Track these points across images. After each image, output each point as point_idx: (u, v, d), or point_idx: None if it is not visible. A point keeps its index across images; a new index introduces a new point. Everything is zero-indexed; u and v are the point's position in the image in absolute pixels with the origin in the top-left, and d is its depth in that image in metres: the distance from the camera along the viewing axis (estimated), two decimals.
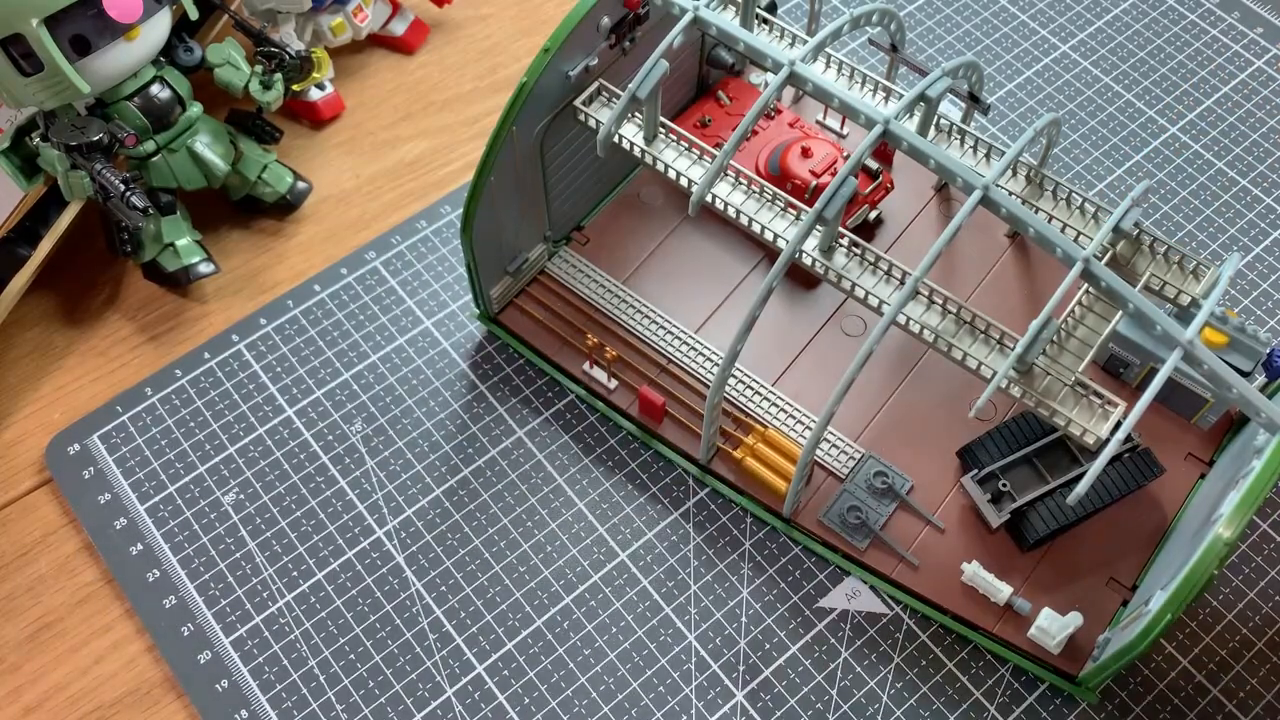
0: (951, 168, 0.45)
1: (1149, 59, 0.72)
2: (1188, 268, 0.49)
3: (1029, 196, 0.51)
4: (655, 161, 0.53)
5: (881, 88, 0.54)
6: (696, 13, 0.50)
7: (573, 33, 0.51)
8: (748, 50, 0.50)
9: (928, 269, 0.45)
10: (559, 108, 0.54)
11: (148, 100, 0.59)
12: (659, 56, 0.50)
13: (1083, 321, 0.48)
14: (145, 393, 0.61)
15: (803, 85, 0.49)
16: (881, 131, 0.46)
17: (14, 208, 0.60)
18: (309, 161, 0.69)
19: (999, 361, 0.46)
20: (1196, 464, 0.55)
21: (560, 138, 0.56)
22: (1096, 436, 0.45)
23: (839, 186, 0.46)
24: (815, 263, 0.49)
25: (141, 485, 0.58)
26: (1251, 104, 0.70)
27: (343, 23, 0.69)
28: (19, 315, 0.63)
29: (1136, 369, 0.55)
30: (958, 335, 0.47)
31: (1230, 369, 0.42)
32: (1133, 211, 0.47)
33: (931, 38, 0.73)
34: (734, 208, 0.51)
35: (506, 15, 0.76)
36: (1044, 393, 0.46)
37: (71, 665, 0.53)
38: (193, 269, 0.62)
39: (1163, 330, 0.43)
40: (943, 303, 0.48)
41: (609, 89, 0.55)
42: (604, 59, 0.54)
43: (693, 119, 0.63)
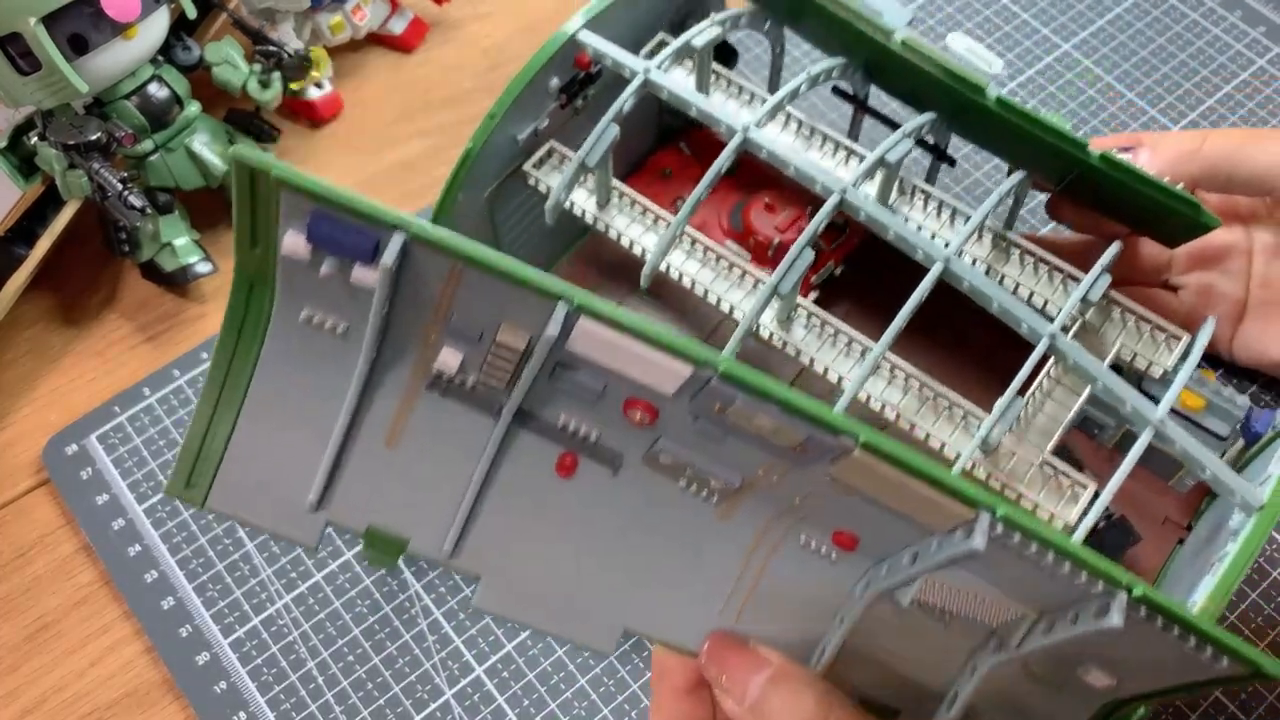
0: (911, 240, 0.44)
1: (1151, 58, 0.72)
2: (1159, 339, 0.47)
3: (994, 261, 0.49)
4: (607, 229, 0.51)
5: (843, 149, 0.52)
6: (647, 76, 0.48)
7: (520, 96, 0.49)
8: (700, 115, 0.48)
9: (889, 345, 0.44)
10: (507, 171, 0.52)
11: (145, 99, 0.59)
12: (609, 121, 0.48)
13: (1050, 395, 0.46)
14: (143, 393, 0.60)
15: (757, 151, 0.47)
16: (838, 201, 0.45)
17: (11, 207, 0.60)
18: (307, 160, 0.69)
19: (963, 442, 0.45)
20: (1174, 529, 0.52)
21: (511, 199, 0.54)
22: (1065, 522, 0.43)
23: (794, 259, 0.44)
24: (773, 335, 0.47)
25: (140, 486, 0.57)
26: (1254, 103, 0.69)
27: (341, 21, 0.69)
28: (16, 315, 0.62)
29: (1112, 430, 0.52)
30: (920, 413, 0.45)
31: (1203, 449, 0.41)
32: (1102, 280, 0.45)
33: (933, 37, 0.73)
34: (689, 277, 0.49)
35: (506, 14, 0.75)
36: (1010, 475, 0.44)
37: (69, 667, 0.53)
38: (191, 268, 0.62)
39: (1132, 409, 0.41)
40: (905, 377, 0.46)
41: (561, 150, 0.53)
42: (554, 119, 0.52)
43: (653, 171, 0.60)
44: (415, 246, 0.31)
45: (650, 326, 0.32)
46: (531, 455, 0.37)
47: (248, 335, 0.36)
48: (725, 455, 0.36)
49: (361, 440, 0.37)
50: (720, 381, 0.32)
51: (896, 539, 0.35)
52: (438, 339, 0.35)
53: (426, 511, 0.38)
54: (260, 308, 0.36)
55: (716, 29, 0.51)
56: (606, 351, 0.33)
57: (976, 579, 0.35)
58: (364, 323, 0.34)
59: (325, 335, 0.36)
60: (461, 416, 0.37)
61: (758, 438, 0.34)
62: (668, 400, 0.34)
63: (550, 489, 0.38)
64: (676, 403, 0.34)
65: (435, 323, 0.35)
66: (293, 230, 0.33)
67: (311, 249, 0.33)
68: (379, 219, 0.31)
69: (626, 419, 0.36)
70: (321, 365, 0.36)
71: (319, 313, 0.35)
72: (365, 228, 0.32)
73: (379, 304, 0.33)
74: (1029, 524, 0.31)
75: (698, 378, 0.32)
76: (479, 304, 0.33)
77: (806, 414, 0.32)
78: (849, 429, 0.31)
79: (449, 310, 0.34)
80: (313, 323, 0.35)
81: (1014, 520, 0.31)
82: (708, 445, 0.35)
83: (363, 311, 0.34)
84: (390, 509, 0.38)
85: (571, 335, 0.32)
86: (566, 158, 0.52)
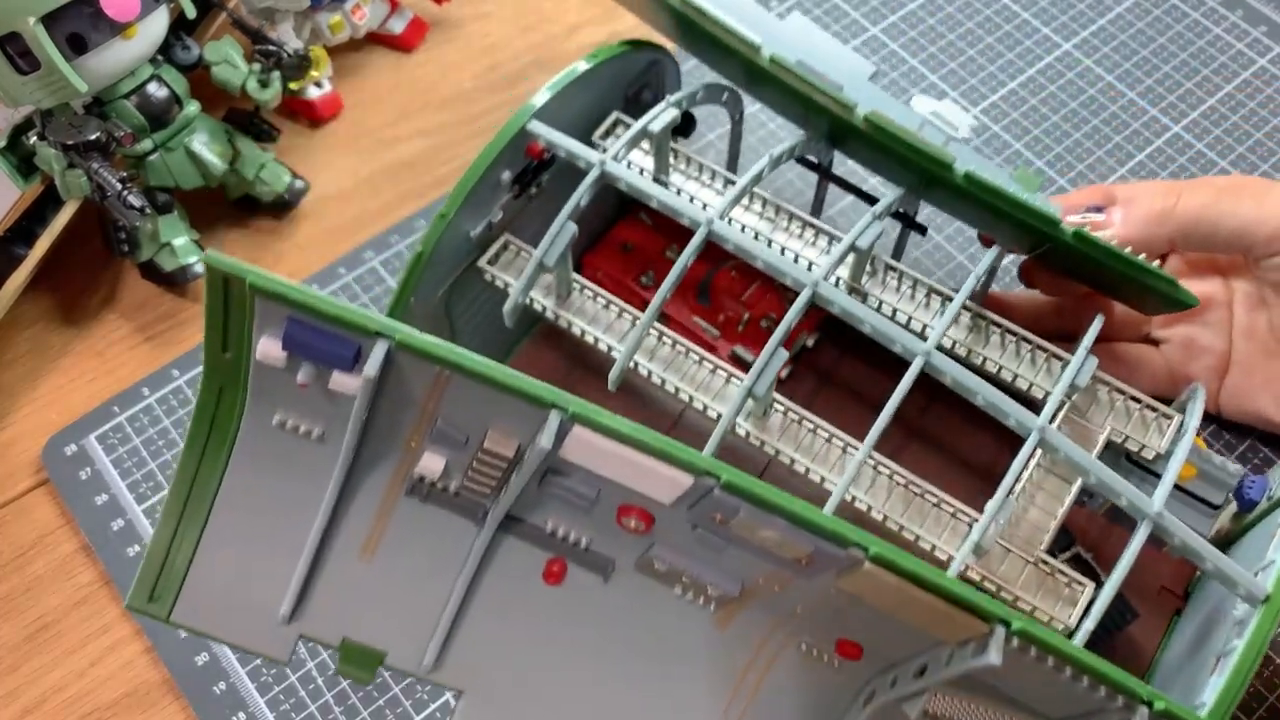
0: (888, 333, 0.43)
1: (1152, 57, 0.71)
2: (1149, 419, 0.46)
3: (973, 343, 0.47)
4: (570, 325, 0.49)
5: (810, 228, 0.50)
6: (604, 168, 0.47)
7: (471, 193, 0.47)
8: (661, 208, 0.47)
9: (872, 446, 0.42)
10: (461, 268, 0.50)
11: (145, 99, 0.58)
12: (566, 218, 0.46)
13: (1041, 487, 0.45)
14: (142, 393, 0.60)
15: (722, 244, 0.46)
16: (810, 296, 0.44)
17: (10, 207, 0.60)
18: (307, 160, 0.68)
19: (953, 542, 0.43)
20: (1170, 599, 0.51)
21: (467, 293, 0.52)
22: (1065, 625, 0.42)
23: (768, 360, 0.43)
24: (749, 434, 0.46)
25: (139, 486, 0.57)
26: (1255, 103, 0.69)
27: (341, 21, 0.69)
28: (15, 315, 0.62)
29: (1103, 498, 0.50)
30: (907, 514, 0.44)
31: (1203, 542, 0.40)
32: (1089, 363, 0.44)
33: (934, 35, 0.73)
34: (658, 375, 0.47)
35: (506, 13, 0.75)
36: (1004, 577, 0.43)
37: (69, 667, 0.53)
38: (190, 268, 0.62)
39: (1128, 502, 0.40)
40: (890, 475, 0.44)
41: (516, 244, 0.51)
42: (508, 210, 0.51)
43: (613, 245, 0.57)
44: (400, 353, 0.30)
45: (650, 435, 0.30)
46: (517, 562, 0.36)
47: (216, 440, 0.34)
48: (725, 563, 0.34)
49: (337, 549, 0.35)
50: (723, 492, 0.30)
51: (903, 648, 0.34)
52: (420, 444, 0.33)
53: (406, 622, 0.36)
54: (230, 411, 0.34)
55: (673, 111, 0.49)
56: (601, 460, 0.31)
57: (987, 690, 0.33)
58: (342, 427, 0.32)
59: (299, 440, 0.34)
60: (443, 522, 0.35)
61: (760, 548, 0.32)
62: (665, 508, 0.32)
63: (537, 597, 0.36)
64: (674, 510, 0.32)
65: (418, 428, 0.33)
66: (267, 336, 0.31)
67: (288, 355, 0.31)
68: (361, 326, 0.29)
69: (620, 526, 0.34)
70: (295, 471, 0.34)
71: (293, 417, 0.33)
72: (346, 335, 0.30)
73: (359, 411, 0.31)
74: (1046, 638, 0.30)
75: (699, 487, 0.31)
76: (465, 409, 0.32)
77: (816, 527, 0.30)
78: (859, 541, 0.30)
79: (434, 415, 0.32)
80: (286, 427, 0.33)
81: (1031, 634, 0.30)
82: (706, 553, 0.34)
83: (341, 416, 0.32)
84: (367, 620, 0.36)
85: (565, 443, 0.30)
86: (523, 250, 0.50)
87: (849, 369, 0.56)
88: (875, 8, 0.74)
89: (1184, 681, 0.43)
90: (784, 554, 0.32)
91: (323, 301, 0.29)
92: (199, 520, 0.35)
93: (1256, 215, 0.50)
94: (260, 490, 0.35)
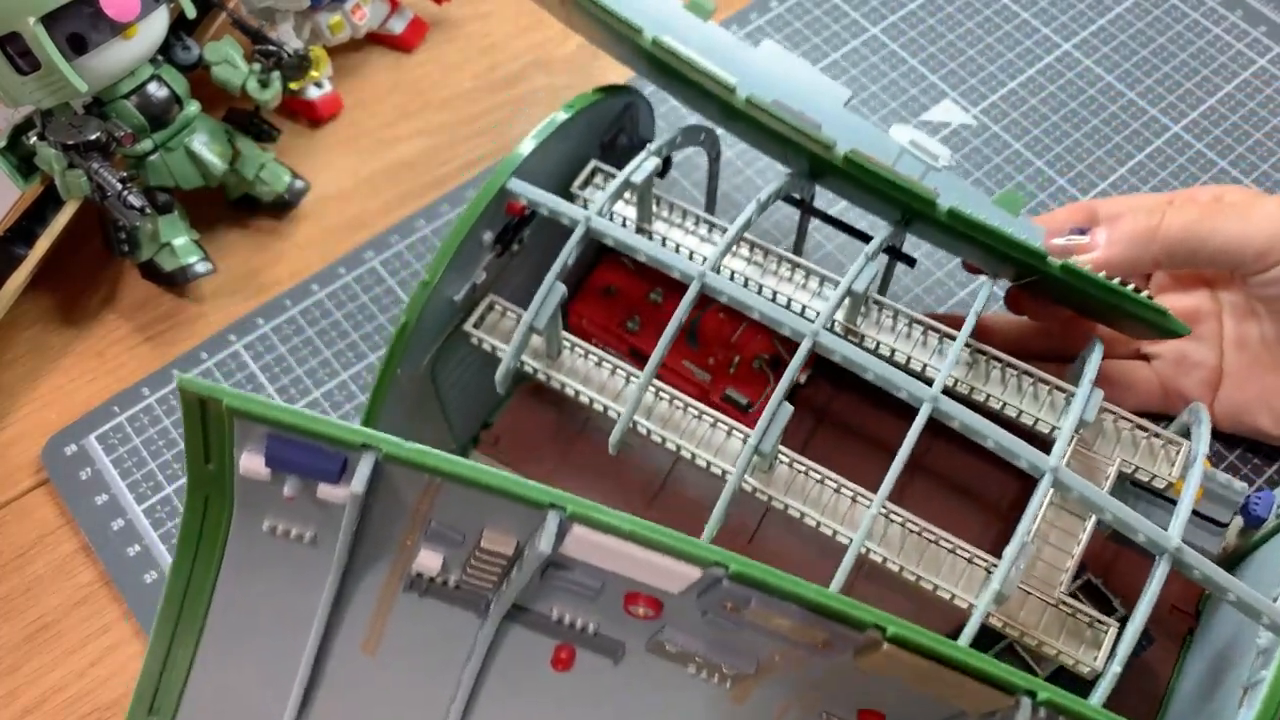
0: (894, 380, 0.42)
1: (1151, 57, 0.71)
2: (1156, 446, 0.46)
3: (974, 380, 0.46)
4: (564, 386, 0.47)
5: (800, 269, 0.49)
6: (589, 224, 0.46)
7: (454, 258, 0.46)
8: (650, 261, 0.45)
9: (884, 499, 0.41)
10: (447, 333, 0.49)
11: (145, 99, 0.58)
12: (555, 279, 0.45)
13: (1054, 524, 0.44)
14: (142, 393, 0.60)
15: (716, 296, 0.45)
16: (810, 347, 0.43)
17: (11, 207, 0.60)
18: (307, 160, 0.68)
19: (970, 588, 0.42)
20: (1182, 618, 0.50)
21: (451, 357, 0.50)
22: (1091, 668, 0.41)
23: (772, 416, 0.42)
24: (755, 490, 0.45)
25: (139, 486, 0.57)
26: (1255, 103, 0.69)
27: (341, 21, 0.69)
28: (15, 315, 0.62)
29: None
30: (922, 563, 0.43)
31: (1225, 574, 0.39)
32: (1095, 396, 0.44)
33: (934, 35, 0.73)
34: (657, 434, 0.46)
35: (506, 13, 0.75)
36: (1025, 622, 0.42)
37: (69, 667, 0.53)
38: (190, 268, 0.62)
39: (1147, 538, 0.40)
40: (902, 523, 0.44)
41: (500, 304, 0.49)
42: (491, 269, 0.49)
43: (596, 290, 0.55)
44: (387, 463, 0.29)
45: (652, 530, 0.29)
46: (524, 651, 0.35)
47: (205, 550, 0.33)
48: (739, 644, 0.33)
49: (337, 651, 0.35)
50: (732, 583, 0.29)
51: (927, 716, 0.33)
52: (415, 543, 0.32)
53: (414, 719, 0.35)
54: (218, 519, 0.33)
55: (654, 160, 0.48)
56: (603, 556, 0.30)
57: None
58: (333, 529, 0.32)
59: (291, 544, 0.33)
60: (445, 616, 0.34)
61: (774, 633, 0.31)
62: (673, 597, 0.32)
63: (547, 684, 0.35)
64: (683, 598, 0.32)
65: (412, 529, 0.32)
66: (250, 452, 0.30)
67: (271, 474, 0.30)
68: (345, 441, 0.29)
69: (628, 613, 0.33)
70: (288, 575, 0.34)
71: (283, 522, 0.33)
72: (329, 449, 0.29)
73: (349, 522, 0.31)
74: (1074, 706, 0.30)
75: (707, 578, 0.30)
76: (459, 511, 0.31)
77: (832, 612, 0.29)
78: (876, 622, 0.29)
79: (427, 518, 0.31)
80: (276, 532, 0.33)
81: (1057, 704, 0.29)
82: (719, 634, 0.33)
83: (332, 520, 0.31)
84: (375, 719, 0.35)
85: (565, 541, 0.30)
86: (508, 311, 0.49)
87: (844, 404, 0.55)
88: (875, 8, 0.74)
89: (1209, 714, 0.42)
90: (800, 639, 0.31)
91: (303, 418, 0.29)
92: (193, 631, 0.34)
93: (1243, 232, 0.49)
94: (254, 597, 0.34)
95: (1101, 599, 0.49)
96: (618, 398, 0.47)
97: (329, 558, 0.33)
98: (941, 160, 0.46)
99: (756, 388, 0.52)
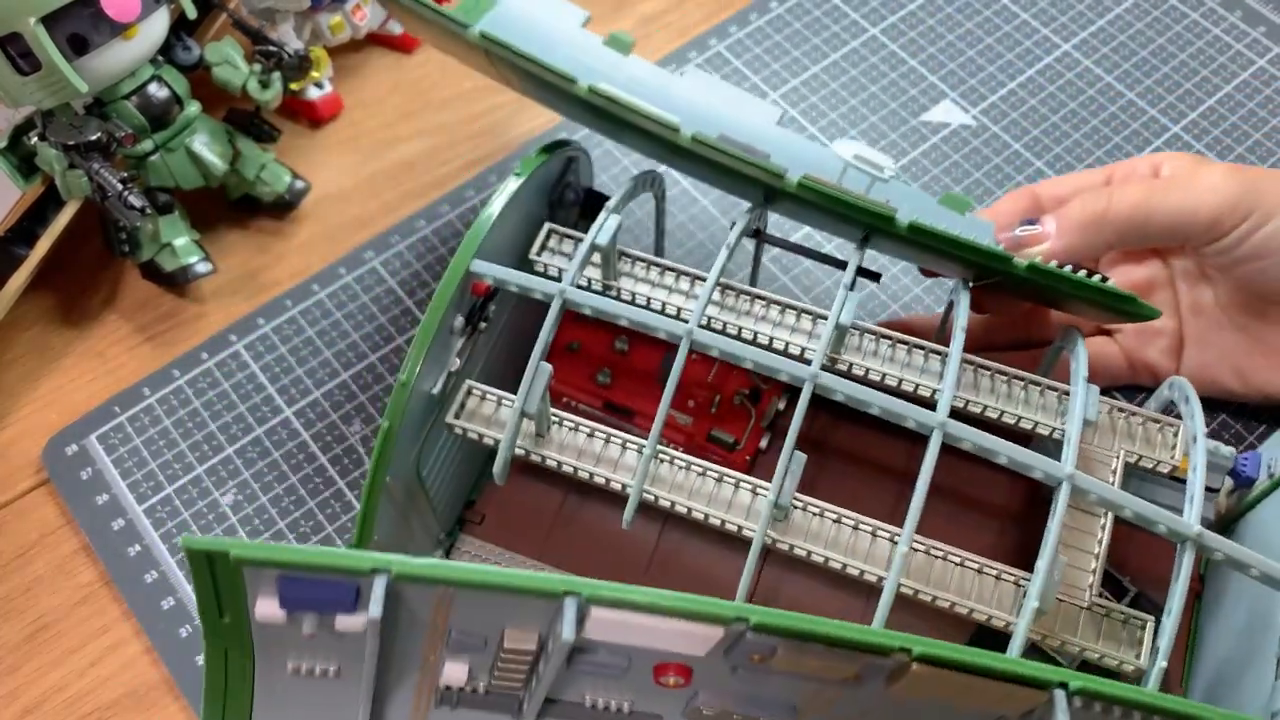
0: (900, 411, 0.42)
1: (1151, 58, 0.72)
2: (1153, 431, 0.46)
3: (966, 392, 0.46)
4: (560, 465, 0.46)
5: (775, 305, 0.48)
6: (564, 296, 0.45)
7: (427, 353, 0.44)
8: (634, 326, 0.45)
9: (914, 529, 0.41)
10: (428, 428, 0.47)
11: (145, 99, 0.58)
12: (539, 359, 0.44)
13: (1073, 526, 0.44)
14: (143, 393, 0.60)
15: (705, 351, 0.44)
16: (811, 391, 0.42)
17: (11, 207, 0.60)
18: (307, 161, 0.69)
19: (1005, 605, 0.42)
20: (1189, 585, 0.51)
21: (433, 447, 0.49)
22: (1136, 666, 0.41)
23: (787, 467, 0.41)
24: (775, 542, 0.44)
25: (139, 486, 0.57)
26: (1254, 103, 0.69)
27: (341, 21, 0.69)
28: (16, 315, 0.62)
29: None
30: (954, 588, 0.43)
31: (1247, 551, 0.40)
32: (1092, 394, 0.44)
33: (934, 35, 0.73)
34: (666, 499, 0.45)
35: None
36: (1063, 630, 0.42)
37: (69, 667, 0.53)
38: (191, 268, 0.62)
39: (1167, 529, 0.40)
40: (926, 551, 0.43)
41: (479, 389, 0.48)
42: (463, 354, 0.48)
43: (559, 351, 0.54)
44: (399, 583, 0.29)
45: (667, 599, 0.29)
46: None
47: (234, 702, 0.33)
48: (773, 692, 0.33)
49: None
50: (756, 634, 0.30)
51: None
52: (439, 657, 0.33)
53: None
54: (241, 670, 0.33)
55: (615, 219, 0.47)
56: (626, 633, 0.30)
57: None
58: (356, 659, 0.32)
59: (316, 681, 0.33)
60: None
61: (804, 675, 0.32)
62: (702, 658, 0.32)
63: None
64: (711, 658, 0.32)
65: (433, 644, 0.32)
66: (263, 597, 0.30)
67: (287, 616, 0.30)
68: (355, 569, 0.29)
69: (659, 685, 0.33)
70: (318, 713, 0.34)
71: (305, 661, 0.33)
72: (341, 580, 0.29)
73: (371, 650, 0.31)
74: (1107, 690, 0.30)
75: (731, 634, 0.30)
76: (478, 617, 0.31)
77: (856, 644, 0.30)
78: (902, 645, 0.30)
79: (445, 630, 0.32)
80: (301, 671, 0.33)
81: (1090, 690, 0.30)
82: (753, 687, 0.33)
83: (353, 650, 0.32)
84: None
85: (586, 625, 0.30)
86: (488, 395, 0.48)
87: (838, 430, 0.54)
88: (875, 9, 0.74)
89: (1244, 686, 0.43)
90: (831, 676, 0.31)
91: (310, 554, 0.29)
92: None
93: (1189, 205, 0.49)
94: None
95: (1113, 582, 0.49)
96: (617, 468, 0.46)
97: (357, 688, 0.33)
98: (887, 171, 0.46)
99: (739, 424, 0.52)
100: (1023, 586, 0.43)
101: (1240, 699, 0.43)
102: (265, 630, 0.31)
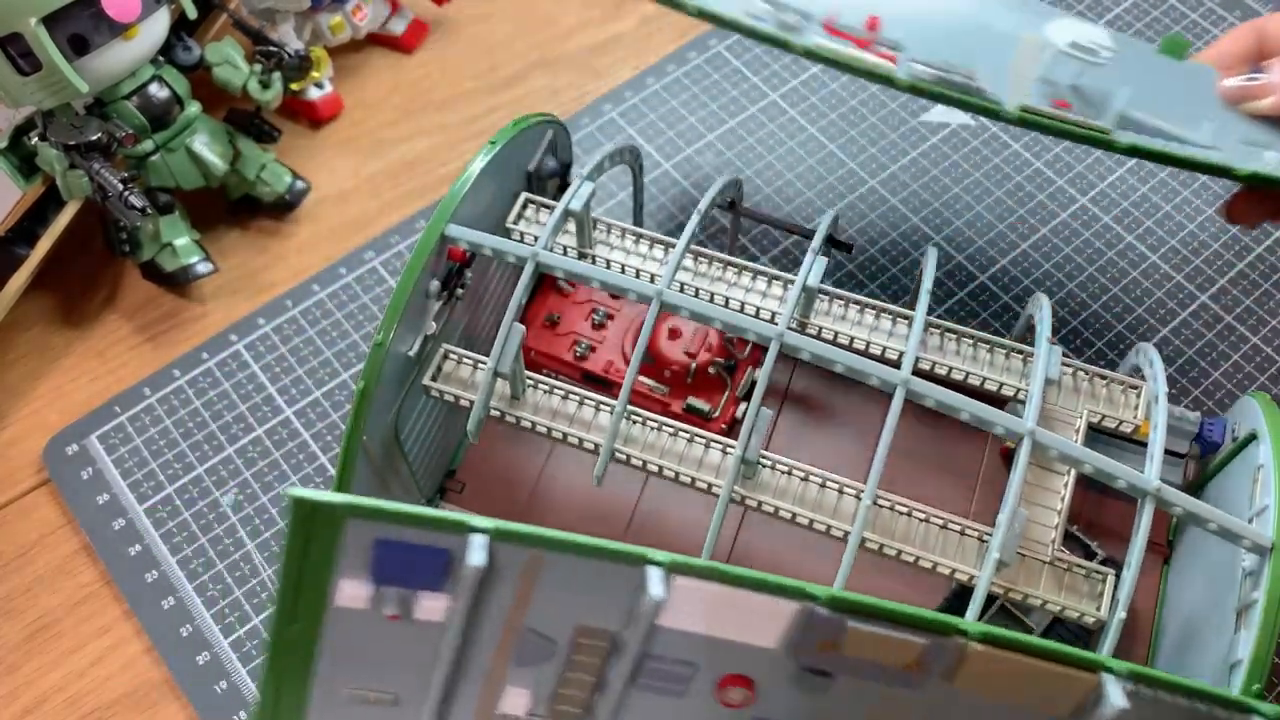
0: (864, 369, 0.43)
1: None
2: (1116, 392, 0.47)
3: (933, 354, 0.47)
4: (535, 426, 0.47)
5: (746, 271, 0.49)
6: (537, 259, 0.45)
7: (403, 315, 0.45)
8: (605, 287, 0.46)
9: (878, 483, 0.42)
10: (405, 390, 0.48)
11: (146, 99, 0.59)
12: (513, 320, 0.44)
13: (1036, 484, 0.45)
14: (143, 393, 0.60)
15: (674, 312, 0.45)
16: (778, 350, 0.43)
17: (12, 207, 0.60)
18: (307, 161, 0.69)
19: (968, 560, 0.43)
20: (1157, 549, 0.51)
21: (411, 411, 0.49)
22: (1096, 618, 0.42)
23: (754, 424, 0.43)
24: (744, 499, 0.45)
25: (140, 486, 0.57)
26: None
27: (341, 22, 0.69)
28: (17, 315, 0.62)
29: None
30: (918, 541, 0.44)
31: (1204, 505, 0.41)
32: (1054, 353, 0.45)
33: None
34: (637, 458, 0.45)
35: (506, 14, 0.75)
36: (1027, 584, 0.43)
37: (70, 667, 0.53)
38: (191, 269, 0.62)
39: (1127, 484, 0.41)
40: (891, 506, 0.44)
41: (456, 353, 0.49)
42: (439, 318, 0.49)
43: (538, 322, 0.54)
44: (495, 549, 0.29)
45: (749, 572, 0.30)
46: None
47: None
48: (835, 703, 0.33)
49: None
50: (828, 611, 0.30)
51: None
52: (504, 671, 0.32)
53: None
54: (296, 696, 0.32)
55: (589, 186, 0.48)
56: (703, 614, 0.31)
57: None
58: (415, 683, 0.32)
59: (372, 709, 0.33)
60: None
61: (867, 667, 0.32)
62: (765, 662, 0.32)
63: None
64: (775, 663, 0.32)
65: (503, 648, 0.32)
66: (348, 578, 0.30)
67: (373, 592, 0.30)
68: (460, 525, 0.29)
69: (724, 705, 0.33)
70: None
71: (362, 685, 0.33)
72: (437, 543, 0.29)
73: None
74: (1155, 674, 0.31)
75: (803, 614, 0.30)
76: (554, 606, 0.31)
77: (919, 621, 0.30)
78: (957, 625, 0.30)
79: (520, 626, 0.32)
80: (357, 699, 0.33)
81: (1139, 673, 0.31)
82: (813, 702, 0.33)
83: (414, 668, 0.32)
84: None
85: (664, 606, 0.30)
86: (464, 359, 0.48)
87: (802, 383, 0.55)
88: None
89: (1212, 643, 0.44)
90: (892, 663, 0.32)
91: (413, 510, 0.29)
92: None
93: None
94: None
95: (1081, 545, 0.50)
96: (590, 428, 0.47)
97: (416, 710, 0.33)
98: (1103, 52, 0.45)
99: (715, 393, 0.52)
100: (986, 541, 0.44)
101: (1203, 653, 0.44)
102: (338, 625, 0.31)
